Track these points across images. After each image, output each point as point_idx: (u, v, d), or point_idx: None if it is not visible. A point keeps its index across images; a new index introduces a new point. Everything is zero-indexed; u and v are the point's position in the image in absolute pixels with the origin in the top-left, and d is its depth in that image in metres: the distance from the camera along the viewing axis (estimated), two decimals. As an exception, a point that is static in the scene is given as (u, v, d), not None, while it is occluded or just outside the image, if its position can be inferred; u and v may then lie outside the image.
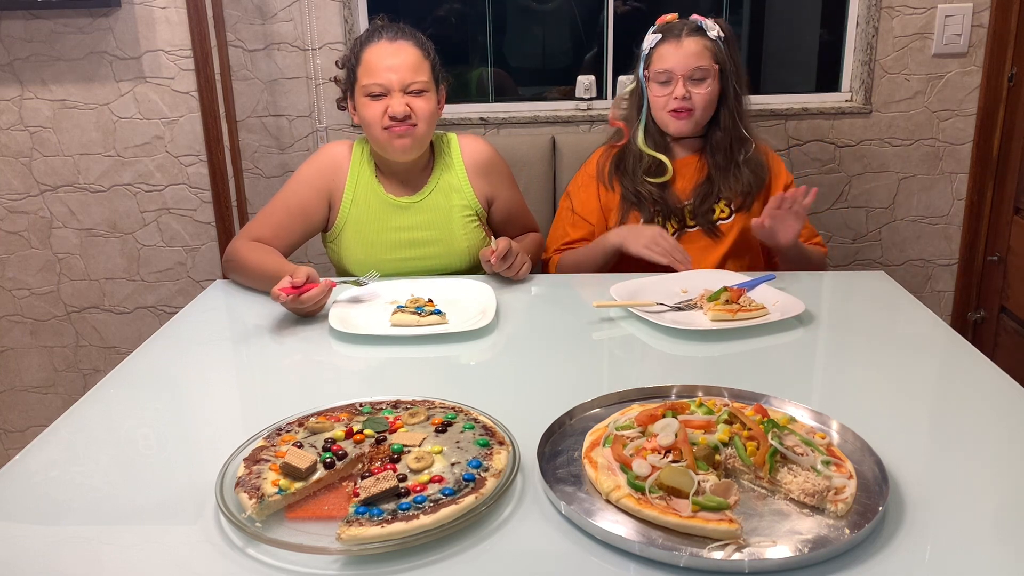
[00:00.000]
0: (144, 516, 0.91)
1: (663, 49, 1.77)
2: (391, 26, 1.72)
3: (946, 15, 2.34)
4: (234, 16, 2.37)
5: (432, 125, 1.72)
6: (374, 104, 1.67)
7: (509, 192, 1.89)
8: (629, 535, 0.83)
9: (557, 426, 1.04)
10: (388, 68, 1.65)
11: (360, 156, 1.79)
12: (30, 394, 2.72)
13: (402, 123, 1.66)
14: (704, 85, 1.75)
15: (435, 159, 1.81)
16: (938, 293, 2.61)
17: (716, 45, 1.76)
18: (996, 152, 2.42)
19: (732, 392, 1.11)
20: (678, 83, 1.74)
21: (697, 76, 1.74)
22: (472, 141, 1.84)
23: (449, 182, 1.80)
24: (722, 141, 1.80)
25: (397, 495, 0.88)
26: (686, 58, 1.74)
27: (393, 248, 1.76)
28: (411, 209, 1.77)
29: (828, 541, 0.82)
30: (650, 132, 1.83)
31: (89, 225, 2.54)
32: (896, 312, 1.52)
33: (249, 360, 1.39)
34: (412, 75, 1.66)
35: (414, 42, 1.70)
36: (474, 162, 1.81)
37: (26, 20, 2.36)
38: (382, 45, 1.68)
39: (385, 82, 1.65)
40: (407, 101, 1.66)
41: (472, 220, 1.80)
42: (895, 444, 1.00)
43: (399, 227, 1.76)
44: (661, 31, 1.79)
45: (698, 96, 1.75)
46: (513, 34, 2.57)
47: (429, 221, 1.77)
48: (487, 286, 1.59)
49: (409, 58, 1.67)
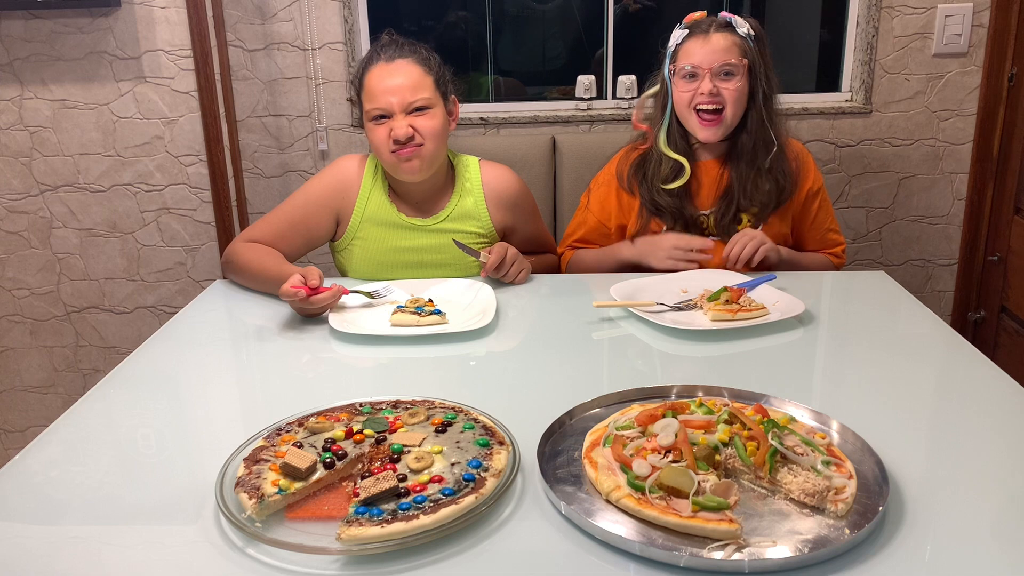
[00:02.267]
0: (144, 516, 0.91)
1: (690, 45, 1.70)
2: (390, 45, 1.67)
3: (946, 15, 2.34)
4: (234, 16, 2.37)
5: (441, 141, 1.68)
6: (379, 129, 1.64)
7: (530, 224, 1.85)
8: (629, 535, 0.83)
9: (557, 426, 1.04)
10: (387, 91, 1.62)
11: (373, 173, 1.75)
12: (30, 394, 2.72)
13: (407, 145, 1.63)
14: (733, 81, 1.67)
15: (455, 183, 1.77)
16: (938, 293, 2.61)
17: (745, 42, 1.69)
18: (996, 152, 2.42)
19: (732, 392, 1.11)
20: (705, 78, 1.67)
21: (725, 72, 1.67)
22: (496, 171, 1.79)
23: (465, 208, 1.75)
24: (747, 144, 1.72)
25: (397, 495, 0.88)
26: (713, 53, 1.67)
27: (400, 268, 1.73)
28: (423, 231, 1.73)
29: (828, 541, 0.82)
30: (672, 133, 1.76)
31: (89, 225, 2.54)
32: (896, 312, 1.51)
33: (249, 360, 1.39)
34: (412, 95, 1.62)
35: (414, 59, 1.65)
36: (495, 193, 1.77)
37: (26, 20, 2.36)
38: (380, 68, 1.64)
39: (385, 106, 1.63)
40: (410, 122, 1.62)
41: (485, 246, 1.74)
42: (895, 444, 1.00)
43: (408, 248, 1.73)
44: (689, 27, 1.73)
45: (727, 92, 1.67)
46: (513, 34, 2.57)
47: (440, 245, 1.73)
48: (487, 286, 1.59)
49: (409, 77, 1.63)
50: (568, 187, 2.28)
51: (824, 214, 1.81)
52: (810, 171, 1.80)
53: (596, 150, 2.20)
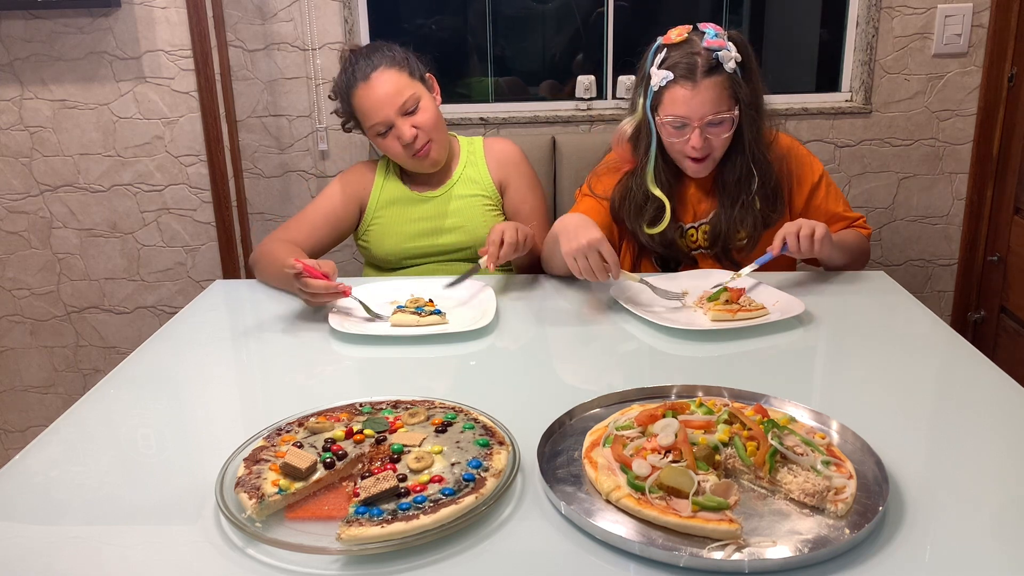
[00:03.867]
0: (144, 516, 0.91)
1: (677, 93, 1.58)
2: (361, 63, 1.75)
3: (946, 15, 2.33)
4: (234, 16, 2.37)
5: (441, 125, 1.80)
6: (388, 141, 1.76)
7: (523, 186, 1.90)
8: (629, 535, 0.83)
9: (557, 426, 1.04)
10: (377, 106, 1.72)
11: (385, 169, 1.89)
12: (30, 394, 2.72)
13: (417, 145, 1.75)
14: (723, 128, 1.61)
15: (460, 156, 1.90)
16: (938, 293, 2.61)
17: (734, 79, 1.59)
18: (996, 152, 2.42)
19: (732, 392, 1.11)
20: (695, 131, 1.59)
21: (716, 122, 1.59)
22: (498, 140, 1.96)
23: (471, 175, 1.88)
24: (731, 178, 1.68)
25: (397, 495, 0.88)
26: (703, 105, 1.57)
27: (417, 237, 1.84)
28: (434, 200, 1.85)
29: (828, 541, 0.82)
30: (659, 171, 1.69)
31: (89, 225, 2.54)
32: (896, 312, 1.52)
33: (249, 360, 1.39)
34: (400, 97, 1.72)
35: (385, 64, 1.73)
36: (494, 153, 1.91)
37: (26, 20, 2.36)
38: (361, 89, 1.73)
39: (383, 119, 1.73)
40: (410, 122, 1.73)
41: (492, 208, 1.87)
42: (895, 444, 1.00)
43: (423, 217, 1.84)
44: (671, 68, 1.58)
45: (716, 141, 1.62)
46: (513, 34, 2.57)
47: (452, 210, 1.85)
48: (487, 286, 1.59)
49: (390, 84, 1.72)
50: (568, 187, 2.27)
51: (834, 199, 1.78)
52: (804, 166, 1.76)
53: (596, 150, 2.19)
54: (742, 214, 1.68)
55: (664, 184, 1.70)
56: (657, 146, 1.68)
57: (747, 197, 1.68)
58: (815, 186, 1.76)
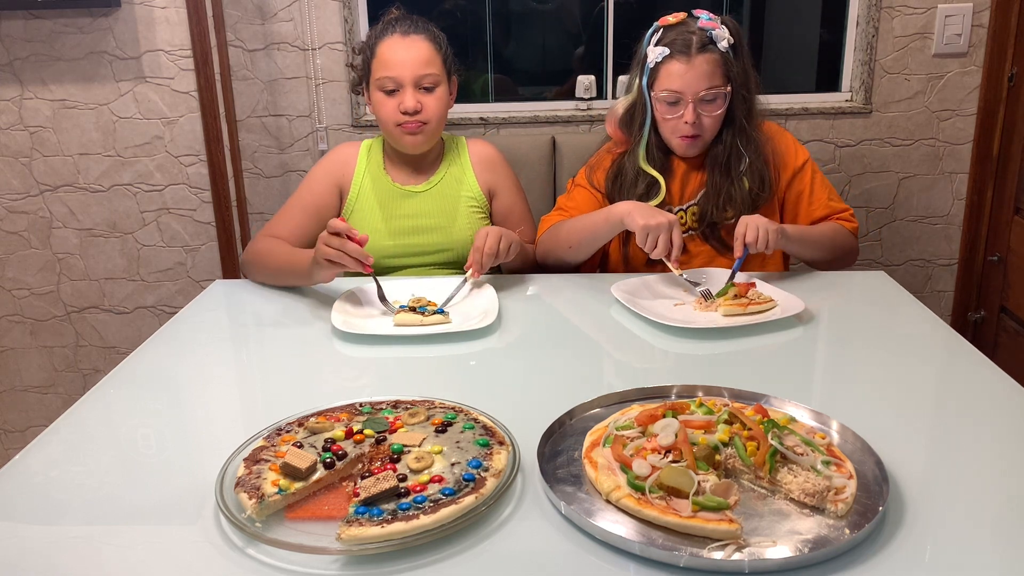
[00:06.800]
0: (144, 516, 0.91)
1: (672, 67, 1.64)
2: (405, 19, 1.75)
3: (946, 15, 2.34)
4: (234, 16, 2.37)
5: (443, 118, 1.78)
6: (387, 100, 1.73)
7: (510, 190, 1.90)
8: (629, 535, 0.83)
9: (557, 426, 1.04)
10: (400, 63, 1.70)
11: (367, 153, 1.85)
12: (30, 394, 2.72)
13: (413, 119, 1.71)
14: (715, 106, 1.66)
15: (444, 153, 1.87)
16: (938, 293, 2.61)
17: (727, 58, 1.65)
18: (996, 152, 2.42)
19: (732, 392, 1.11)
20: (688, 106, 1.64)
21: (709, 98, 1.65)
22: (479, 142, 1.93)
23: (455, 175, 1.85)
24: (720, 156, 1.72)
25: (397, 495, 0.88)
26: (698, 80, 1.62)
27: (397, 235, 1.81)
28: (417, 197, 1.82)
29: (828, 541, 0.82)
30: (651, 149, 1.74)
31: (89, 225, 2.54)
32: (896, 312, 1.52)
33: (249, 360, 1.39)
34: (424, 68, 1.71)
35: (426, 35, 1.73)
36: (479, 157, 1.88)
37: (26, 20, 2.36)
38: (395, 39, 1.72)
39: (397, 76, 1.70)
40: (419, 96, 1.71)
41: (476, 211, 1.85)
42: (895, 444, 1.00)
43: (404, 214, 1.81)
44: (668, 45, 1.65)
45: (708, 119, 1.67)
46: (513, 34, 2.57)
47: (434, 209, 1.82)
48: (489, 287, 1.59)
49: (422, 52, 1.71)
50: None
51: (820, 186, 1.79)
52: (788, 152, 1.78)
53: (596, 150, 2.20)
54: (730, 192, 1.72)
55: (656, 162, 1.75)
56: (650, 129, 1.73)
57: (736, 175, 1.72)
58: (798, 170, 1.78)
